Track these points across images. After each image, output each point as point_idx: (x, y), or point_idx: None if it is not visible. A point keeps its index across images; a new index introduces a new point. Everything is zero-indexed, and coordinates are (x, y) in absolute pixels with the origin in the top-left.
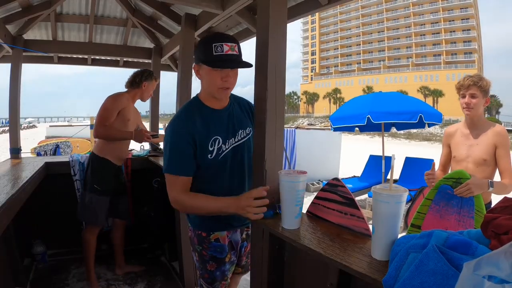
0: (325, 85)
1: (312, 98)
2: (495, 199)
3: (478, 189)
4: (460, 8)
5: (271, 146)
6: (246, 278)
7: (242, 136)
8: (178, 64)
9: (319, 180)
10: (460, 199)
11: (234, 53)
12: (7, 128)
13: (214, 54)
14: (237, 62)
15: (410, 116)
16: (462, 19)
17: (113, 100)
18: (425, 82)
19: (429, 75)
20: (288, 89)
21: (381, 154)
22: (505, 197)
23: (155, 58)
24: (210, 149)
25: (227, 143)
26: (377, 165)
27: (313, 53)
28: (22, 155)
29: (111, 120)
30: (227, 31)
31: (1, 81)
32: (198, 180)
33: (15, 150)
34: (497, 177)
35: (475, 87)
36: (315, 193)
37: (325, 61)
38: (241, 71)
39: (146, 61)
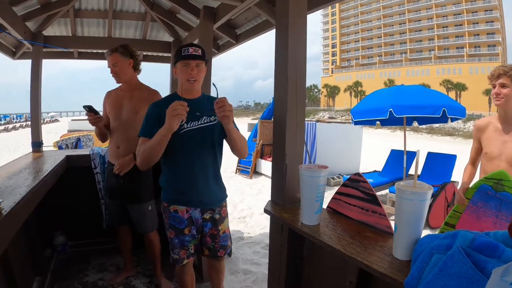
0: (346, 78)
1: (333, 91)
2: None
3: None
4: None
5: (291, 140)
6: (264, 272)
7: (205, 121)
8: None
9: (340, 174)
10: (499, 201)
11: (197, 54)
12: (24, 124)
13: (183, 54)
14: (197, 56)
15: (433, 110)
16: (485, 10)
17: None
18: (447, 75)
19: (451, 68)
20: (308, 82)
21: (402, 148)
22: None
23: (175, 52)
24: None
25: (189, 123)
26: (399, 160)
27: (333, 46)
28: (44, 149)
29: None
30: (246, 23)
31: (22, 77)
32: (165, 154)
33: (37, 144)
34: None
35: (506, 77)
36: (336, 188)
37: (346, 53)
38: (261, 64)
39: (166, 54)
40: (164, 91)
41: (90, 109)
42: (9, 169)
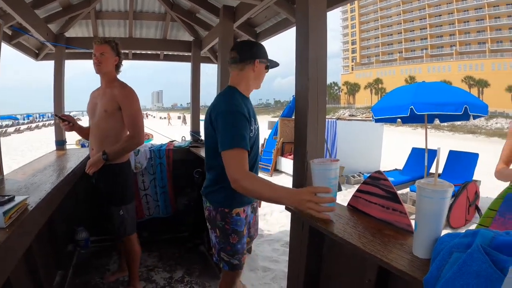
0: (366, 75)
1: (353, 88)
2: None
3: None
4: None
5: (312, 138)
6: (283, 270)
7: (256, 123)
8: (218, 55)
9: (360, 173)
10: None
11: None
12: (46, 123)
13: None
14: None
15: (455, 108)
16: (507, 4)
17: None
18: (469, 72)
19: (473, 64)
20: (328, 80)
21: (423, 146)
22: None
23: (195, 51)
24: (252, 128)
25: (256, 127)
26: (420, 158)
27: (353, 43)
28: (68, 147)
29: None
30: (265, 21)
31: (46, 77)
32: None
33: (60, 142)
34: None
35: None
36: (356, 186)
37: (366, 50)
38: (281, 62)
39: (186, 54)
40: (186, 89)
41: (60, 117)
42: (34, 166)
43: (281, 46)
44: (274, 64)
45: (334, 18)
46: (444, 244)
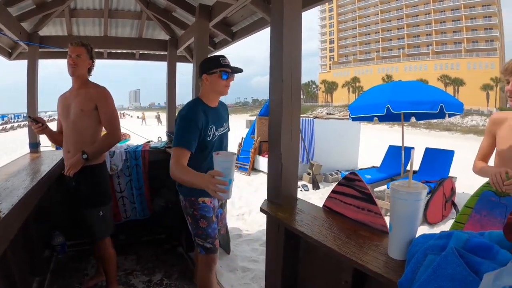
0: (343, 74)
1: (330, 87)
2: None
3: None
4: None
5: (286, 139)
6: (263, 269)
7: (225, 128)
8: (194, 54)
9: (338, 171)
10: (504, 208)
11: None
12: (22, 123)
13: (222, 63)
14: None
15: (430, 106)
16: (483, 6)
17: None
18: (445, 71)
19: (449, 63)
20: (306, 78)
21: (400, 144)
22: None
23: (171, 50)
24: (209, 133)
25: (218, 130)
26: (397, 156)
27: (331, 42)
28: (42, 149)
29: None
30: (242, 21)
31: (20, 76)
32: (197, 160)
33: (34, 145)
34: None
35: None
36: (334, 184)
37: (344, 49)
38: (259, 60)
39: (162, 53)
40: (163, 88)
41: (32, 119)
42: (6, 171)
43: (260, 45)
44: (235, 71)
45: (313, 17)
46: (418, 246)
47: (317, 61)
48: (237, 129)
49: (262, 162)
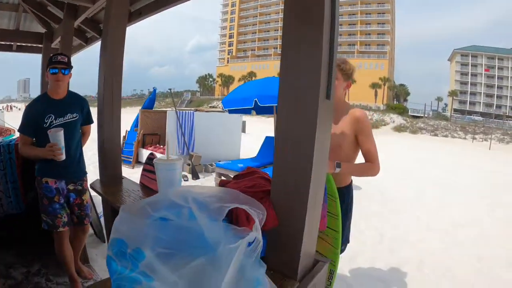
0: (241, 68)
1: (227, 80)
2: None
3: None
4: (378, 3)
5: (108, 128)
6: None
7: (68, 117)
8: (59, 49)
9: (219, 161)
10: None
11: (64, 61)
12: None
13: (53, 60)
14: (64, 63)
15: None
16: (378, 13)
17: None
18: None
19: None
20: (204, 71)
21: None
22: (248, 167)
23: (46, 43)
24: (46, 121)
25: (57, 119)
26: (271, 146)
27: (231, 36)
28: None
29: None
30: None
31: None
32: (38, 140)
33: None
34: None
35: (338, 70)
36: (214, 174)
37: (243, 44)
38: (158, 50)
39: (39, 45)
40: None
41: None
42: None
43: (158, 34)
44: (65, 67)
45: (215, 9)
46: None
47: (216, 55)
48: (130, 122)
49: (146, 155)
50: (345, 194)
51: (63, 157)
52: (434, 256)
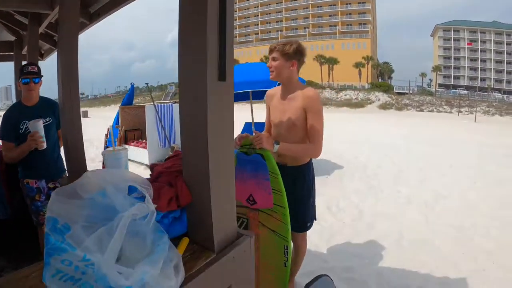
0: None
1: None
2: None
3: (266, 144)
4: None
5: (69, 128)
6: None
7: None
8: (27, 57)
9: None
10: (255, 164)
11: (34, 71)
12: None
13: (24, 71)
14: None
15: (267, 84)
16: None
17: None
18: (321, 51)
19: (325, 44)
20: None
21: (256, 120)
22: (176, 150)
23: (17, 51)
24: (21, 127)
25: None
26: (250, 131)
27: None
28: None
29: None
30: None
31: None
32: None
33: None
34: None
35: (275, 51)
36: None
37: None
38: (139, 45)
39: (8, 53)
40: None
41: None
42: None
43: (137, 30)
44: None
45: None
46: None
47: None
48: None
49: (129, 151)
50: (305, 172)
51: (45, 145)
52: (413, 229)
